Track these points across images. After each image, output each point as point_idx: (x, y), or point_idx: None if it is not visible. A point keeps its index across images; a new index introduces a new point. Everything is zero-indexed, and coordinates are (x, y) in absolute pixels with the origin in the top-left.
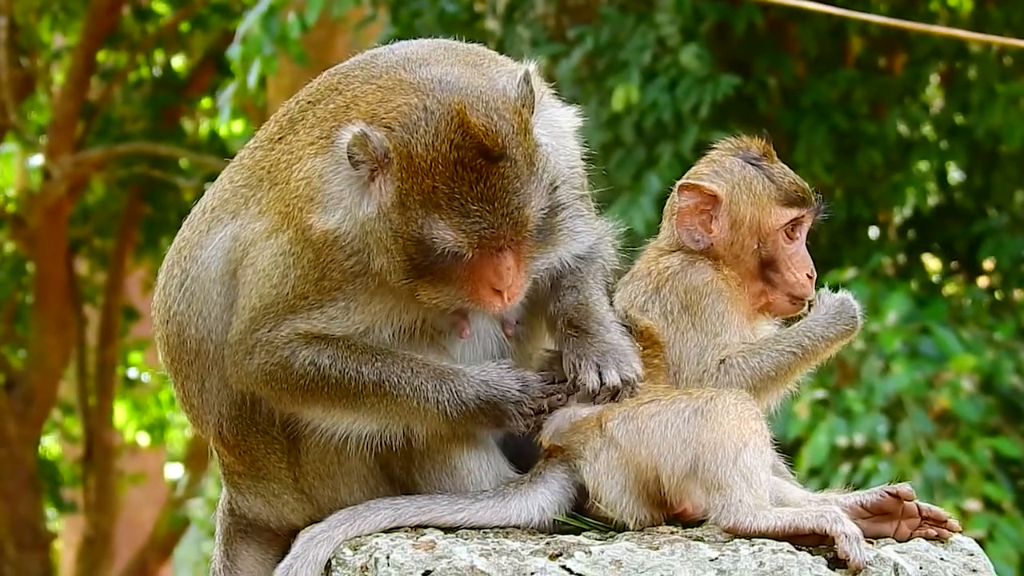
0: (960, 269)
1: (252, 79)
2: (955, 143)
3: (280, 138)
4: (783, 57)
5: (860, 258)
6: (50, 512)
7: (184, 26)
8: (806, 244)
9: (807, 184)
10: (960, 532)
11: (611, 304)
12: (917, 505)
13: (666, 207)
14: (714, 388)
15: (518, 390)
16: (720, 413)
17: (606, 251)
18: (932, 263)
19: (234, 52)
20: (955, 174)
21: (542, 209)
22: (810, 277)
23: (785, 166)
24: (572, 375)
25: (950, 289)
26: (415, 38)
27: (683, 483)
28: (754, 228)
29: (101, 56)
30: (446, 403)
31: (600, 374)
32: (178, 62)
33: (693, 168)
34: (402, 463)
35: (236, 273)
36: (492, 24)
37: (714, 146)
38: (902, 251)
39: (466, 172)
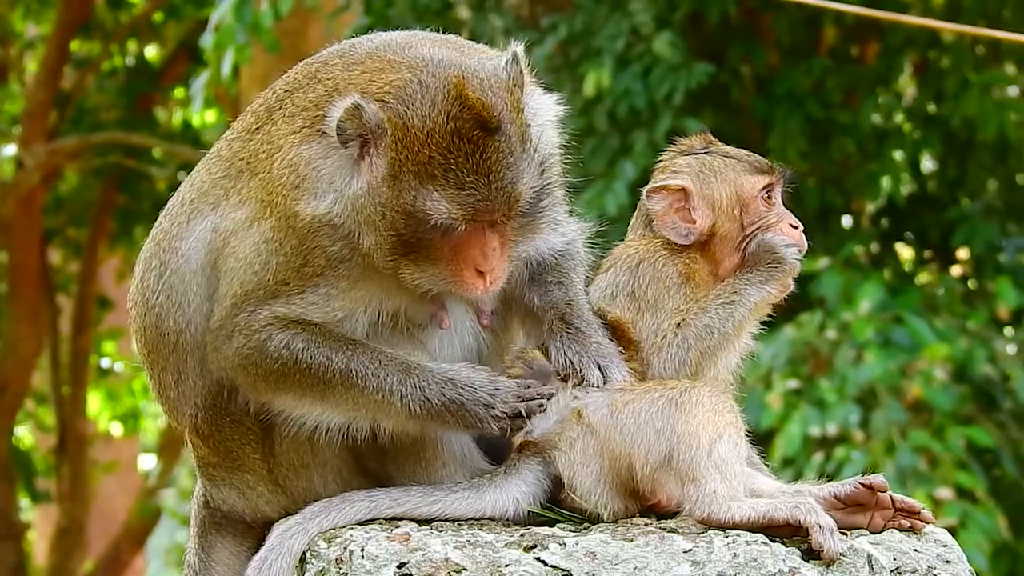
0: (933, 258)
1: (225, 68)
2: (929, 132)
3: (258, 128)
4: (757, 46)
5: (833, 247)
6: (23, 502)
7: (157, 15)
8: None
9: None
10: (933, 523)
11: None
12: (891, 496)
13: (633, 219)
14: (689, 380)
15: (487, 393)
16: (695, 405)
17: (582, 249)
18: (905, 252)
19: (207, 41)
20: (928, 163)
21: (533, 187)
22: (795, 227)
23: (734, 146)
24: (567, 371)
25: (923, 278)
26: (389, 27)
27: (656, 473)
28: (734, 202)
29: (74, 45)
30: (410, 398)
31: (603, 372)
32: (151, 51)
33: (651, 179)
34: (376, 456)
35: (217, 263)
36: (464, 13)
37: (659, 159)
38: (875, 240)
39: (463, 143)
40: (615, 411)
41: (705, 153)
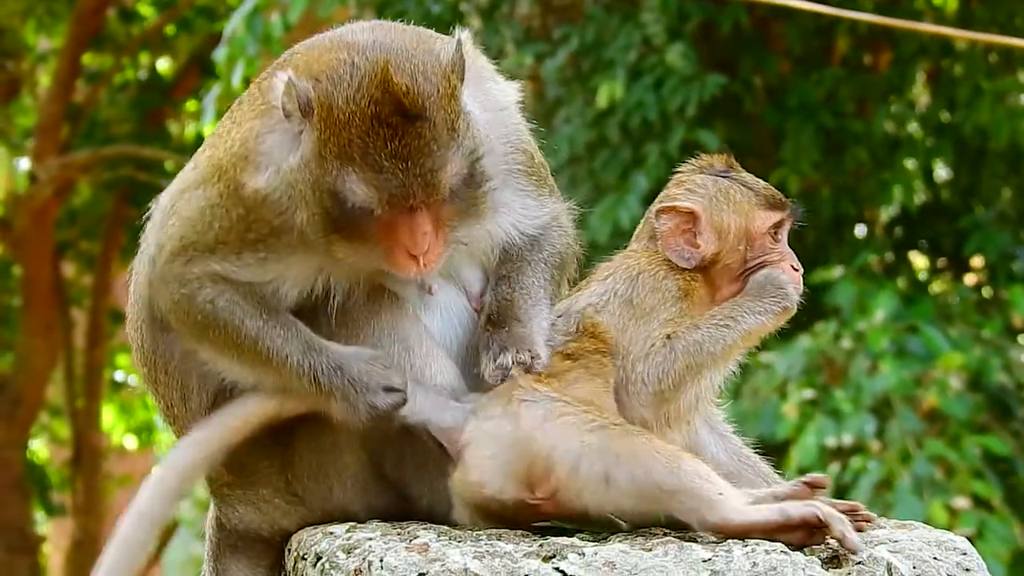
0: (947, 267)
1: (236, 80)
2: (942, 141)
3: (229, 114)
4: (768, 56)
5: (847, 256)
6: (38, 515)
7: (169, 29)
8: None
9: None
10: (874, 520)
11: (552, 293)
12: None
13: (639, 228)
14: (623, 420)
15: (367, 387)
16: (627, 434)
17: (557, 238)
18: (919, 261)
19: (219, 54)
20: (942, 172)
21: (458, 175)
22: (796, 269)
23: (752, 175)
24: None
25: (937, 287)
26: None
27: (586, 485)
28: (741, 235)
29: (86, 59)
30: (305, 377)
31: (494, 359)
32: (163, 65)
33: (664, 192)
34: (394, 461)
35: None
36: (475, 24)
37: (678, 169)
38: (889, 249)
39: (382, 128)
40: (548, 417)
41: (724, 177)
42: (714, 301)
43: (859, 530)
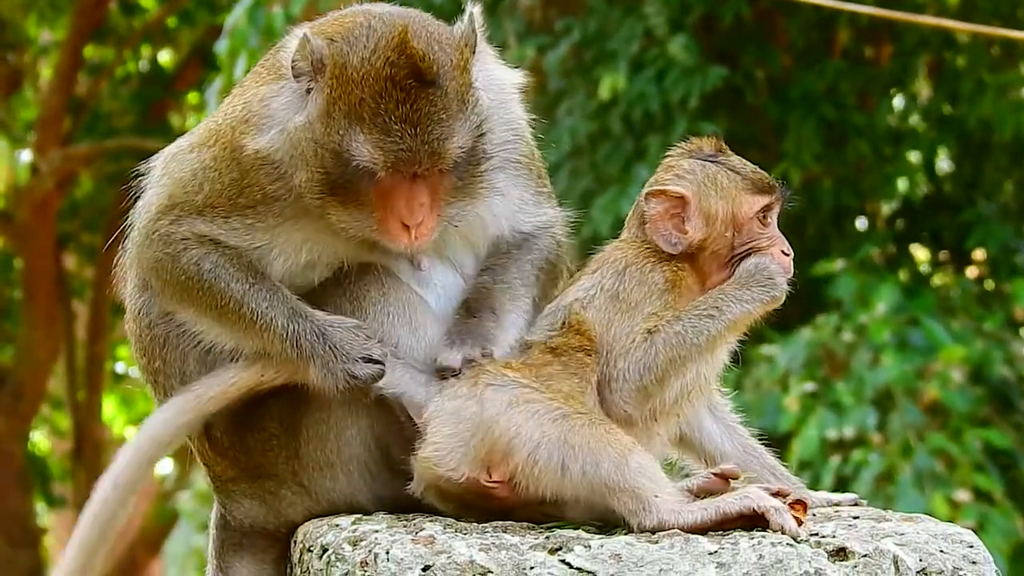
0: (949, 260)
1: (239, 72)
2: (944, 133)
3: (234, 89)
4: (770, 48)
5: (848, 249)
6: (40, 507)
7: (171, 21)
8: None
9: (767, 173)
10: (808, 504)
11: (535, 294)
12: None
13: (629, 214)
14: (587, 408)
15: (346, 356)
16: (585, 424)
17: (548, 244)
18: (921, 254)
19: (221, 46)
20: (944, 164)
21: (463, 147)
22: (786, 254)
23: (742, 158)
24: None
25: (939, 280)
26: None
27: (541, 474)
28: (728, 220)
29: (88, 51)
30: (288, 342)
31: (450, 347)
32: (165, 57)
33: (654, 176)
34: (404, 448)
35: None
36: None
37: (667, 154)
38: (891, 242)
39: (395, 90)
40: (513, 403)
41: (712, 161)
42: (703, 289)
43: (799, 521)
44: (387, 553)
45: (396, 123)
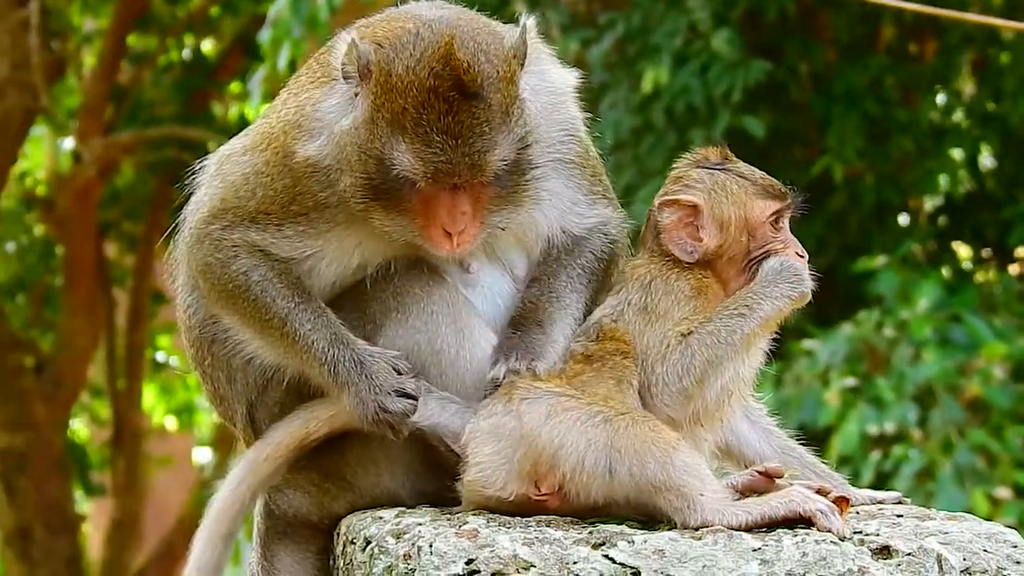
0: (991, 256)
1: (282, 63)
2: (987, 130)
3: (286, 88)
4: (814, 43)
5: (890, 245)
6: (78, 495)
7: (214, 10)
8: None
9: (776, 179)
10: (850, 502)
11: (586, 300)
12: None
13: (642, 231)
14: (632, 408)
15: (378, 392)
16: (629, 424)
17: (601, 245)
18: (963, 250)
19: (264, 36)
20: (986, 161)
21: (504, 160)
22: (801, 256)
23: (749, 165)
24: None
25: (981, 276)
26: None
27: (590, 481)
28: (741, 225)
29: (131, 40)
30: (326, 367)
31: (496, 362)
32: (208, 46)
33: (663, 188)
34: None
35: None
36: (521, 9)
37: (674, 165)
38: (933, 238)
39: (438, 102)
40: (552, 414)
41: (720, 169)
42: (728, 295)
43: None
44: (430, 546)
45: (437, 134)
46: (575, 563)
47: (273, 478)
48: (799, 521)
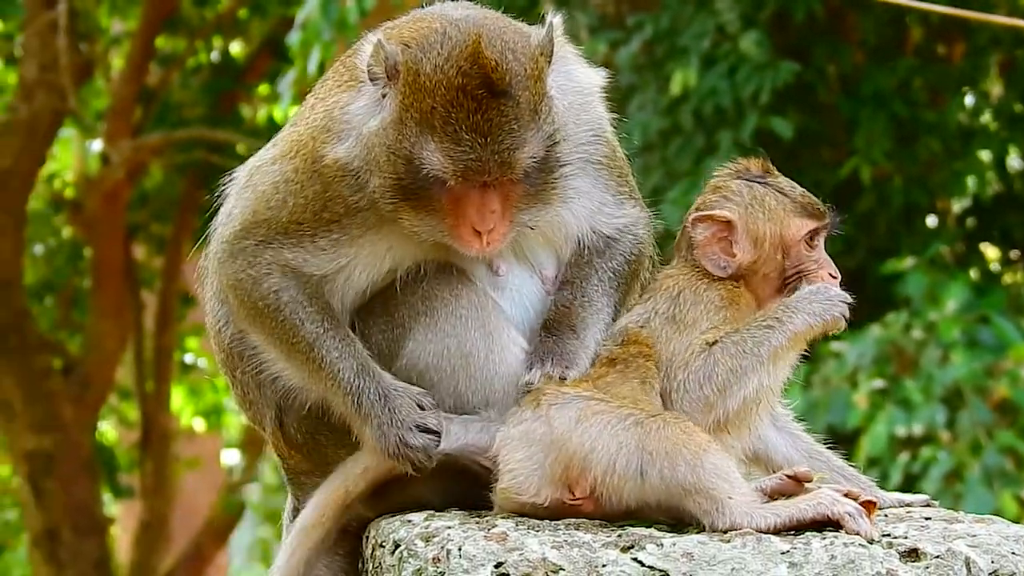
0: (1020, 258)
1: (312, 65)
2: (1015, 131)
3: (313, 93)
4: (842, 45)
5: (918, 247)
6: (107, 497)
7: (242, 12)
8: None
9: (815, 196)
10: (878, 504)
11: (616, 302)
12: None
13: (676, 239)
14: (662, 409)
15: (400, 428)
16: (660, 427)
17: (630, 247)
18: (991, 252)
19: (293, 38)
20: (1015, 162)
21: (534, 157)
22: (833, 277)
23: (790, 180)
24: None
25: (1009, 278)
26: None
27: (622, 484)
28: (776, 242)
29: (160, 42)
30: (350, 397)
31: (530, 368)
32: (236, 48)
33: (699, 199)
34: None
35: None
36: (549, 10)
37: (714, 174)
38: (961, 240)
39: (467, 100)
40: (582, 418)
41: (760, 183)
42: (760, 309)
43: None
44: (459, 550)
45: (467, 133)
46: (604, 566)
47: (324, 543)
48: (827, 524)
